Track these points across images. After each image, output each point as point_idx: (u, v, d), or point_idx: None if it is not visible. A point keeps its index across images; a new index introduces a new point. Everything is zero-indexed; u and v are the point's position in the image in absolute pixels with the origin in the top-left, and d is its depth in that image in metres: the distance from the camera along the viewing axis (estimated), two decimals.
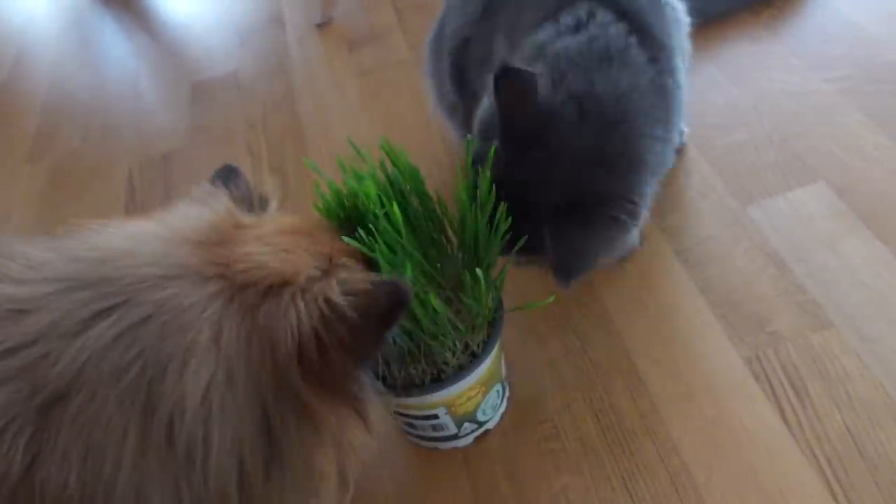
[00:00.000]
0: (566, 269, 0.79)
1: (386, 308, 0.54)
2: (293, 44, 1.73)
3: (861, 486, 0.80)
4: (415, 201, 0.75)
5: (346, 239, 0.65)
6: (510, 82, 0.79)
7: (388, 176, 0.74)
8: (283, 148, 1.44)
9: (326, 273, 0.57)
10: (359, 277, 0.58)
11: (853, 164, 1.11)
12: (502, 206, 0.74)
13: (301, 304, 0.53)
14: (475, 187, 0.75)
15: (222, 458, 0.50)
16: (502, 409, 0.94)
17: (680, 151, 1.19)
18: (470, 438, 0.92)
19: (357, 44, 1.67)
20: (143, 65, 1.83)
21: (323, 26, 1.75)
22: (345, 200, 0.75)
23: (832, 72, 1.26)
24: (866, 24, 1.32)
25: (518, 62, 0.86)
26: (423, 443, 0.93)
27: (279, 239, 0.58)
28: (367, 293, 0.55)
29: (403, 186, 0.74)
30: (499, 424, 0.93)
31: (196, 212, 0.60)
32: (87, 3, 2.12)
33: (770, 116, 1.21)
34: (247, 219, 0.61)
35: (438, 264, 0.78)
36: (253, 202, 0.68)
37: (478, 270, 0.71)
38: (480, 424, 0.91)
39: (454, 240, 0.79)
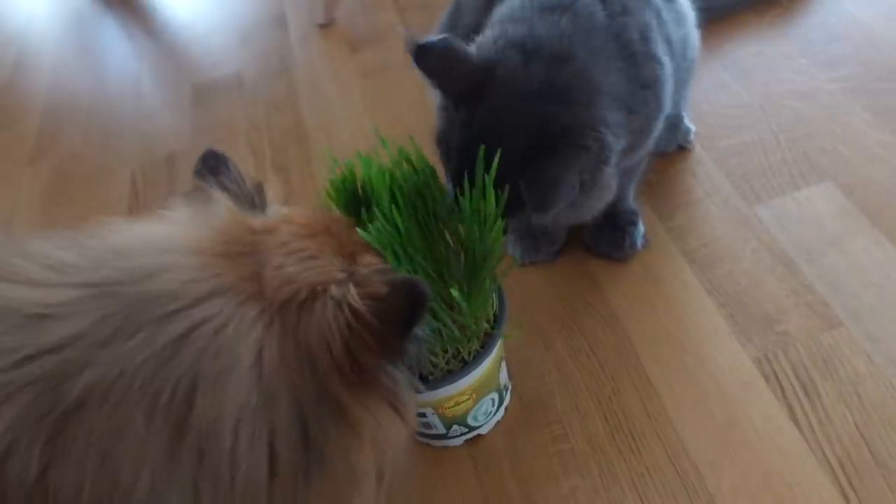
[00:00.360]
0: (542, 199, 0.77)
1: (406, 311, 0.54)
2: (296, 44, 1.73)
3: (872, 486, 0.80)
4: (430, 202, 0.74)
5: (360, 232, 0.64)
6: (429, 56, 0.78)
7: (403, 175, 0.74)
8: (287, 148, 1.44)
9: (350, 275, 0.57)
10: (377, 279, 0.57)
11: (860, 164, 1.10)
12: (500, 223, 0.73)
13: (331, 315, 0.53)
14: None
15: (254, 474, 0.49)
16: (497, 418, 0.93)
17: (686, 151, 1.19)
18: (460, 440, 0.91)
19: (360, 44, 1.66)
20: (145, 66, 1.82)
21: (325, 27, 1.75)
22: (355, 180, 0.76)
23: (839, 71, 1.25)
24: (872, 23, 1.32)
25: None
26: (416, 437, 0.92)
27: (302, 244, 0.57)
28: (385, 298, 0.54)
29: (421, 186, 0.73)
30: (504, 426, 0.93)
31: (206, 219, 0.59)
32: (87, 5, 2.11)
33: (777, 116, 1.21)
34: (257, 221, 0.60)
35: (445, 267, 0.77)
36: (250, 194, 0.66)
37: (454, 292, 0.70)
38: (471, 429, 0.90)
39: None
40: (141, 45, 1.92)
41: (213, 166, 0.66)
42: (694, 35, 0.98)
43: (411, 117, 1.41)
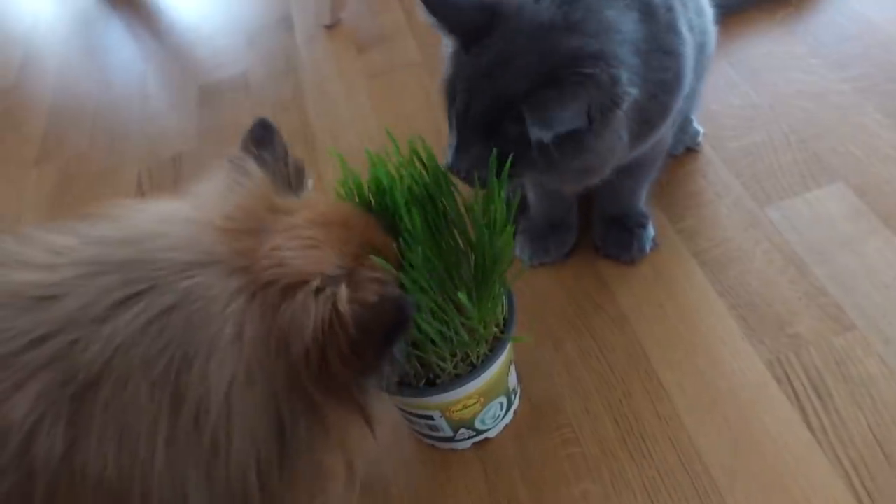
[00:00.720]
0: (543, 120, 0.74)
1: (386, 327, 0.53)
2: (302, 45, 1.72)
3: (887, 490, 0.79)
4: (441, 204, 0.73)
5: (374, 258, 0.63)
6: None
7: (414, 178, 0.73)
8: (293, 149, 1.41)
9: (349, 273, 0.56)
10: (372, 287, 0.56)
11: (872, 164, 1.09)
12: (510, 228, 0.72)
13: (311, 308, 0.52)
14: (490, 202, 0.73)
15: (242, 452, 0.50)
16: (506, 422, 0.92)
17: (695, 152, 1.18)
18: (468, 443, 0.91)
19: (366, 45, 1.66)
20: (151, 67, 1.82)
21: (332, 28, 1.74)
22: (369, 195, 0.74)
23: (850, 71, 1.24)
24: (883, 23, 1.31)
25: None
26: (423, 439, 0.92)
27: (309, 231, 0.57)
28: (372, 308, 0.53)
29: (432, 189, 0.73)
30: (514, 429, 0.92)
31: (229, 192, 0.59)
32: (93, 6, 2.11)
33: (787, 117, 1.20)
34: (283, 201, 0.59)
35: (455, 269, 0.76)
36: (289, 171, 0.65)
37: (462, 295, 0.69)
38: (479, 432, 0.89)
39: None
40: (147, 47, 1.92)
41: (260, 138, 0.66)
42: (711, 30, 0.96)
43: (418, 118, 1.41)
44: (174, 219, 0.55)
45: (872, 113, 1.17)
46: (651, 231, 1.06)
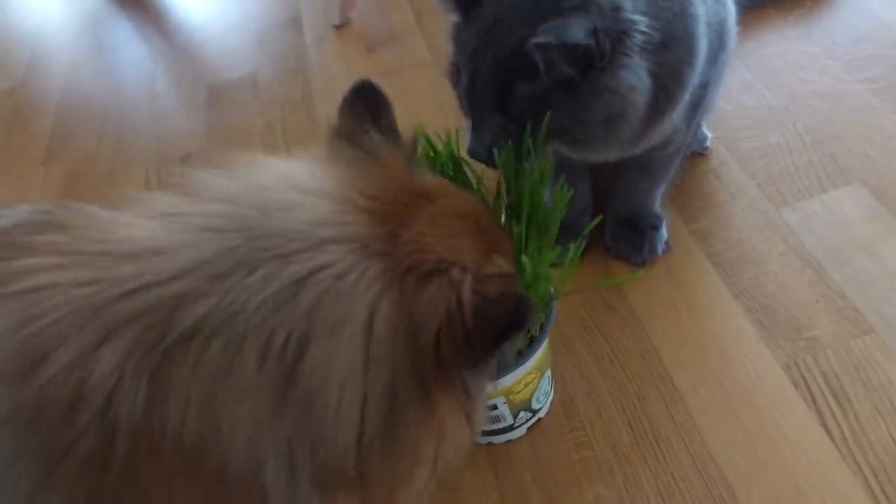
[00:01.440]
0: (548, 42, 0.71)
1: (502, 323, 0.51)
2: (311, 45, 1.71)
3: None
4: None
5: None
6: None
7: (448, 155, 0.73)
8: (302, 150, 1.42)
9: (477, 267, 0.54)
10: (495, 281, 0.54)
11: (889, 166, 1.08)
12: (563, 187, 0.72)
13: (444, 296, 0.50)
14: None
15: (346, 439, 0.48)
16: (552, 397, 0.92)
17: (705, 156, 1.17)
18: (523, 429, 0.90)
19: (375, 45, 1.65)
20: (159, 67, 1.81)
21: (341, 28, 1.73)
22: None
23: (865, 72, 1.23)
24: None
25: None
26: (480, 440, 0.90)
27: (451, 221, 0.54)
28: (492, 302, 0.51)
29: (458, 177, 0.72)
30: (529, 432, 0.91)
31: (363, 167, 0.55)
32: (101, 5, 2.11)
33: (803, 118, 1.18)
34: (422, 185, 0.56)
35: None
36: (407, 148, 0.61)
37: (552, 254, 0.69)
38: (534, 413, 0.89)
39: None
40: (155, 47, 1.91)
41: (371, 104, 0.61)
42: (732, 24, 0.94)
43: (428, 117, 1.39)
44: (311, 189, 0.52)
45: (889, 114, 1.15)
46: (664, 234, 1.05)
